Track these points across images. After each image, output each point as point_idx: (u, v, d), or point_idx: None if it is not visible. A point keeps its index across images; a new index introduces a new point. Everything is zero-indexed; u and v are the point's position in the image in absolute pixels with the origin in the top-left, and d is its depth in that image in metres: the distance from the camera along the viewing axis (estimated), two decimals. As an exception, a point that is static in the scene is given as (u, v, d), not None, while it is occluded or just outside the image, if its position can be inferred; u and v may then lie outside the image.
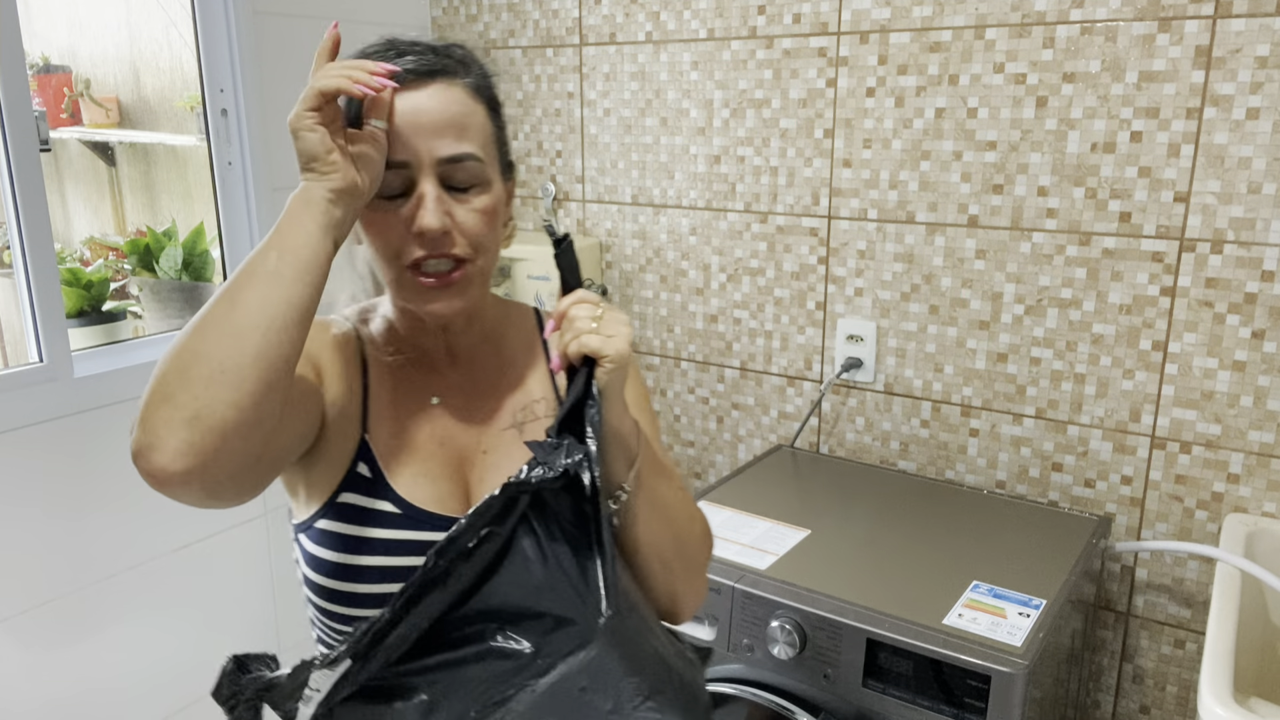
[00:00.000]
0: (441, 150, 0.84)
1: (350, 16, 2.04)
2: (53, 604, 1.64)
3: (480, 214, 0.86)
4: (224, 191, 1.89)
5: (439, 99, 0.85)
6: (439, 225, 0.83)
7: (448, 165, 0.84)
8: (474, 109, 0.88)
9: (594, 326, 0.80)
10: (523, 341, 1.01)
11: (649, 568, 0.90)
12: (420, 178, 0.84)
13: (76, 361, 1.65)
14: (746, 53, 1.81)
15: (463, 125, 0.86)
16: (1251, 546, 1.41)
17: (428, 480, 0.91)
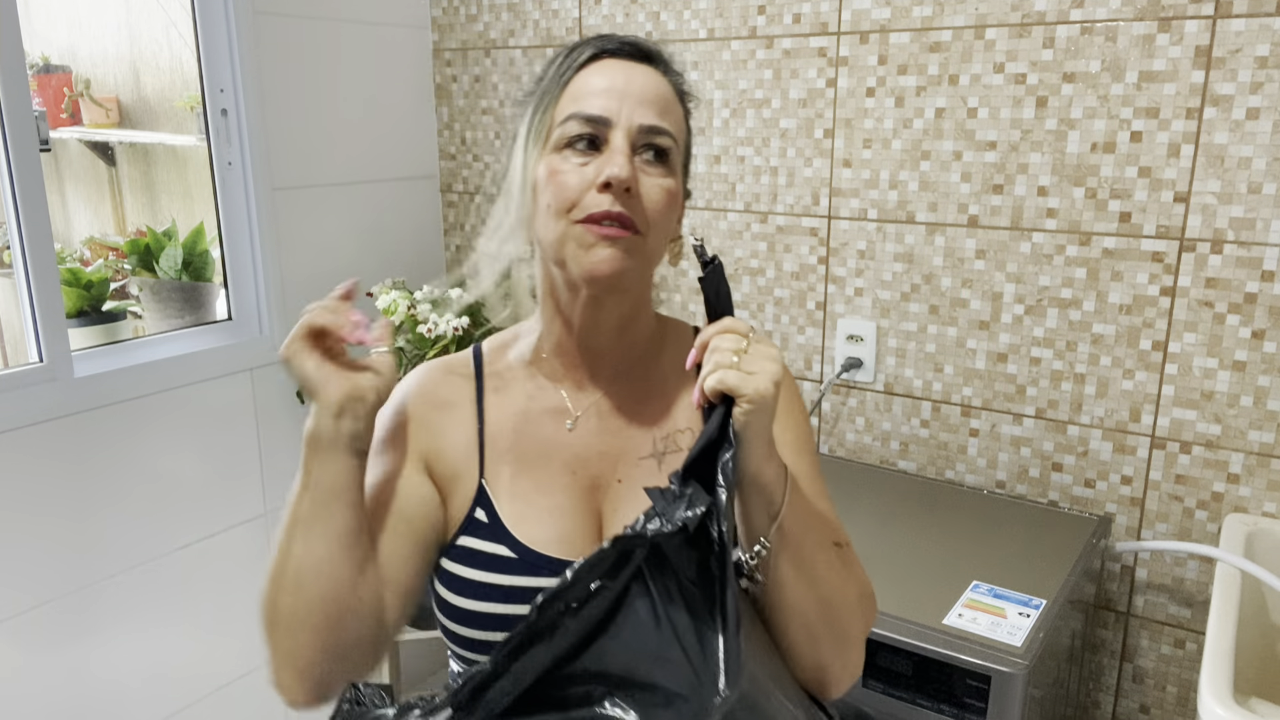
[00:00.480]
0: (643, 118, 0.82)
1: (350, 16, 2.04)
2: (53, 604, 1.64)
3: (664, 191, 0.83)
4: (224, 191, 1.89)
5: (651, 78, 0.84)
6: (628, 175, 0.79)
7: (645, 134, 0.82)
8: (677, 105, 0.87)
9: (735, 361, 0.73)
10: (676, 363, 0.94)
11: (792, 635, 0.81)
12: (614, 135, 0.81)
13: (76, 361, 1.65)
14: (746, 53, 1.81)
15: (666, 107, 0.84)
16: (1251, 546, 1.41)
17: (553, 518, 0.86)
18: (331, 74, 2.02)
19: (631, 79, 0.83)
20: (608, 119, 0.81)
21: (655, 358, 0.94)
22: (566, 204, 0.81)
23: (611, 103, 0.81)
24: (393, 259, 2.22)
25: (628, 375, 0.92)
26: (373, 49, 2.10)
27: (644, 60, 0.85)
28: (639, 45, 0.85)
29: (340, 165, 2.07)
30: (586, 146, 0.81)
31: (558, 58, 0.86)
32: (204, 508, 1.87)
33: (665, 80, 0.86)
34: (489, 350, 0.95)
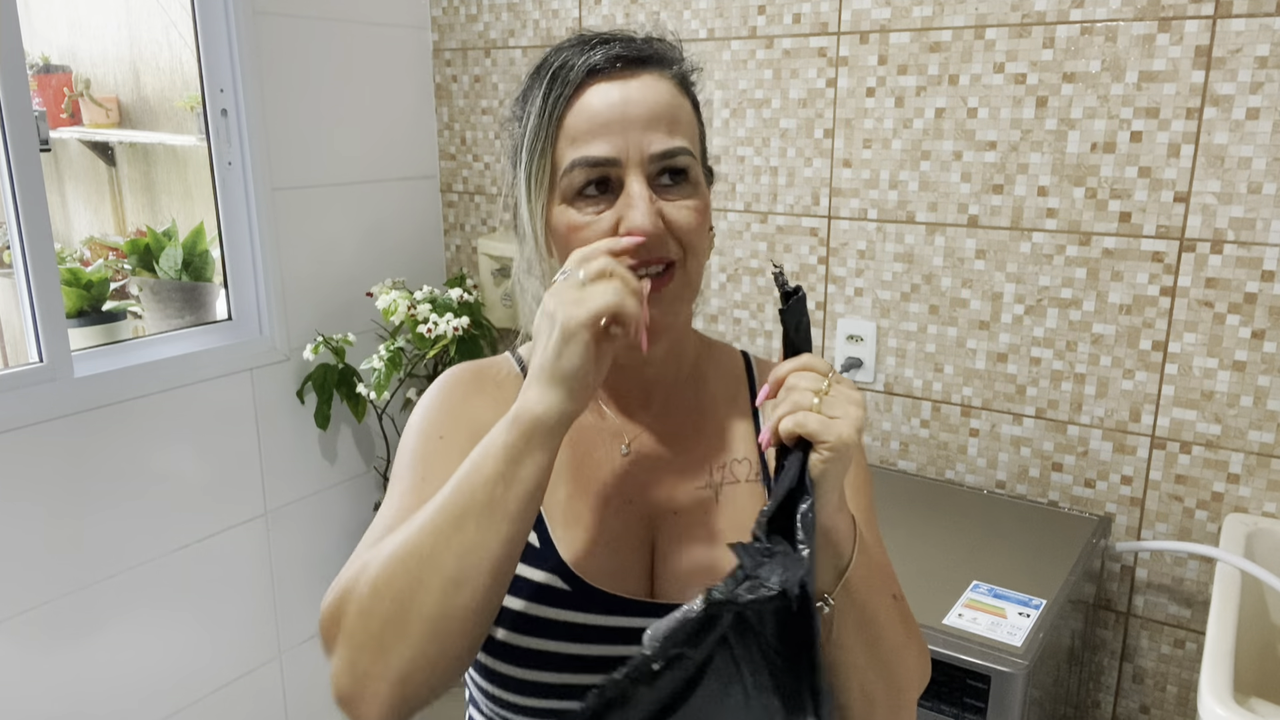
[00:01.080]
0: (653, 145, 0.74)
1: (350, 16, 2.04)
2: (53, 604, 1.64)
3: (693, 212, 0.76)
4: (224, 191, 1.89)
5: (650, 90, 0.76)
6: (652, 227, 0.72)
7: (659, 161, 0.75)
8: (683, 103, 0.80)
9: (815, 403, 0.66)
10: (726, 388, 0.89)
11: (846, 696, 0.75)
12: (628, 176, 0.74)
13: (76, 361, 1.65)
14: (746, 53, 1.81)
15: (674, 119, 0.77)
16: (1251, 546, 1.41)
17: (608, 549, 0.79)
18: (331, 74, 2.02)
19: (629, 100, 0.75)
20: (615, 159, 0.74)
21: (703, 381, 0.88)
22: None
23: (615, 139, 0.74)
24: (393, 259, 2.22)
25: (678, 401, 0.86)
26: (373, 49, 2.10)
27: (638, 67, 0.78)
28: (630, 54, 0.77)
29: (340, 165, 2.07)
30: (598, 191, 0.75)
31: (543, 84, 0.77)
32: (204, 508, 1.87)
33: (666, 81, 0.78)
34: (528, 356, 0.87)
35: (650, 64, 0.79)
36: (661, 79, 0.78)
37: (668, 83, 0.79)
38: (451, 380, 0.85)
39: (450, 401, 0.83)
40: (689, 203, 0.76)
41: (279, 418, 2.00)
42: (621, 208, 0.74)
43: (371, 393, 1.96)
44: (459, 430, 0.80)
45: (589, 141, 0.74)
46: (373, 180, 2.15)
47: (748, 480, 0.84)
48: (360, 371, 2.02)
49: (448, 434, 0.80)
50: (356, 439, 2.18)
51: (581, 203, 0.75)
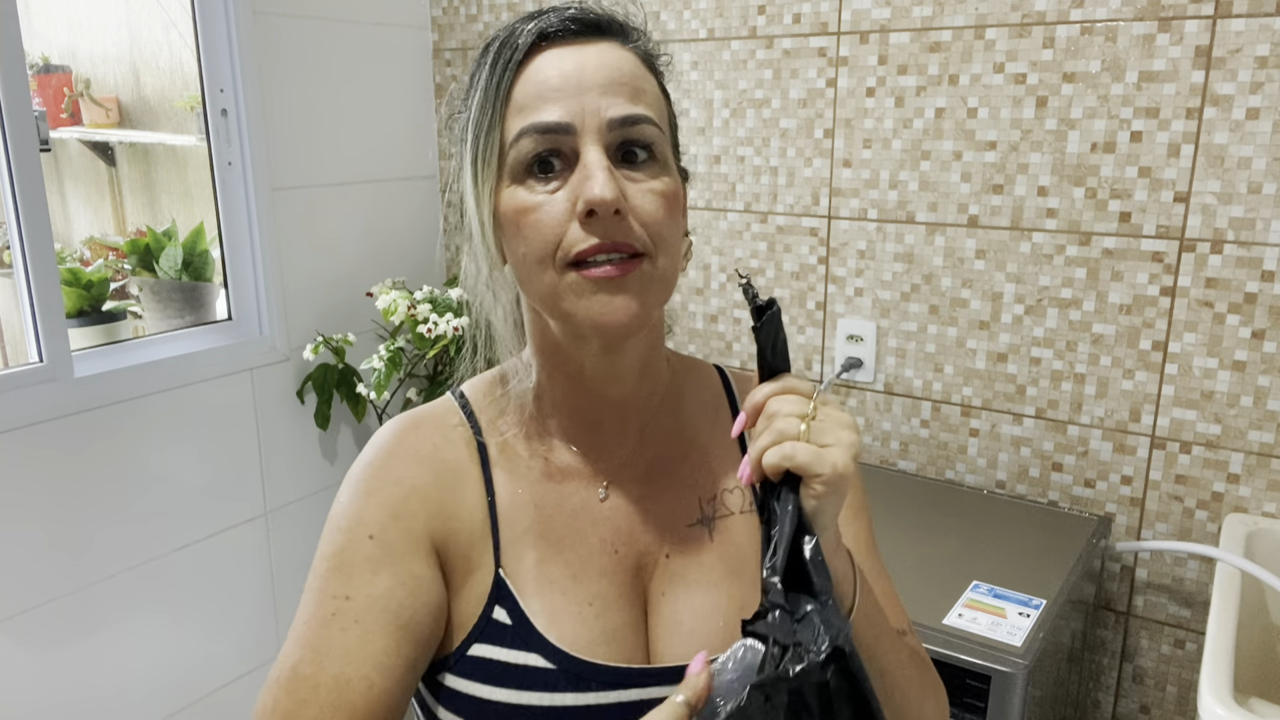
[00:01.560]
0: (612, 109, 0.64)
1: (350, 16, 2.04)
2: (53, 604, 1.64)
3: (660, 196, 0.65)
4: (224, 191, 1.89)
5: (608, 55, 0.66)
6: (612, 196, 0.62)
7: (620, 129, 0.65)
8: (648, 77, 0.69)
9: (802, 429, 0.59)
10: (705, 409, 0.79)
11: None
12: (583, 145, 0.64)
13: (76, 361, 1.65)
14: (746, 53, 1.81)
15: (637, 86, 0.66)
16: (1251, 546, 1.41)
17: (594, 613, 0.69)
18: (331, 74, 2.02)
19: (585, 63, 0.65)
20: (568, 124, 0.64)
21: (680, 403, 0.78)
22: (548, 249, 0.65)
23: (569, 102, 0.64)
24: (393, 259, 2.22)
25: (655, 427, 0.76)
26: (373, 49, 2.10)
27: (595, 34, 0.68)
28: (584, 18, 0.68)
29: (340, 165, 2.07)
30: (551, 167, 0.65)
31: (490, 54, 0.68)
32: (204, 508, 1.87)
33: (627, 51, 0.68)
34: (476, 398, 0.76)
35: (609, 32, 0.69)
36: (622, 48, 0.68)
37: (629, 54, 0.69)
38: (386, 447, 0.72)
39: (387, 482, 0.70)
40: (655, 184, 0.66)
41: (279, 418, 2.00)
42: (576, 183, 0.64)
43: (371, 393, 1.96)
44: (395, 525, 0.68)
45: (538, 107, 0.64)
46: (373, 180, 2.15)
47: (742, 511, 0.76)
48: (360, 371, 2.02)
49: (380, 533, 0.68)
50: (356, 439, 2.18)
51: (532, 181, 0.65)
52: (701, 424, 0.78)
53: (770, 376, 0.63)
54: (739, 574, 0.73)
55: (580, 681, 0.66)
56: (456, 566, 0.70)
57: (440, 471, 0.71)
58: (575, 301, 0.65)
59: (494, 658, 0.67)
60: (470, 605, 0.69)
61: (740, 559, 0.74)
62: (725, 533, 0.74)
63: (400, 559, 0.67)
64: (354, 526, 0.68)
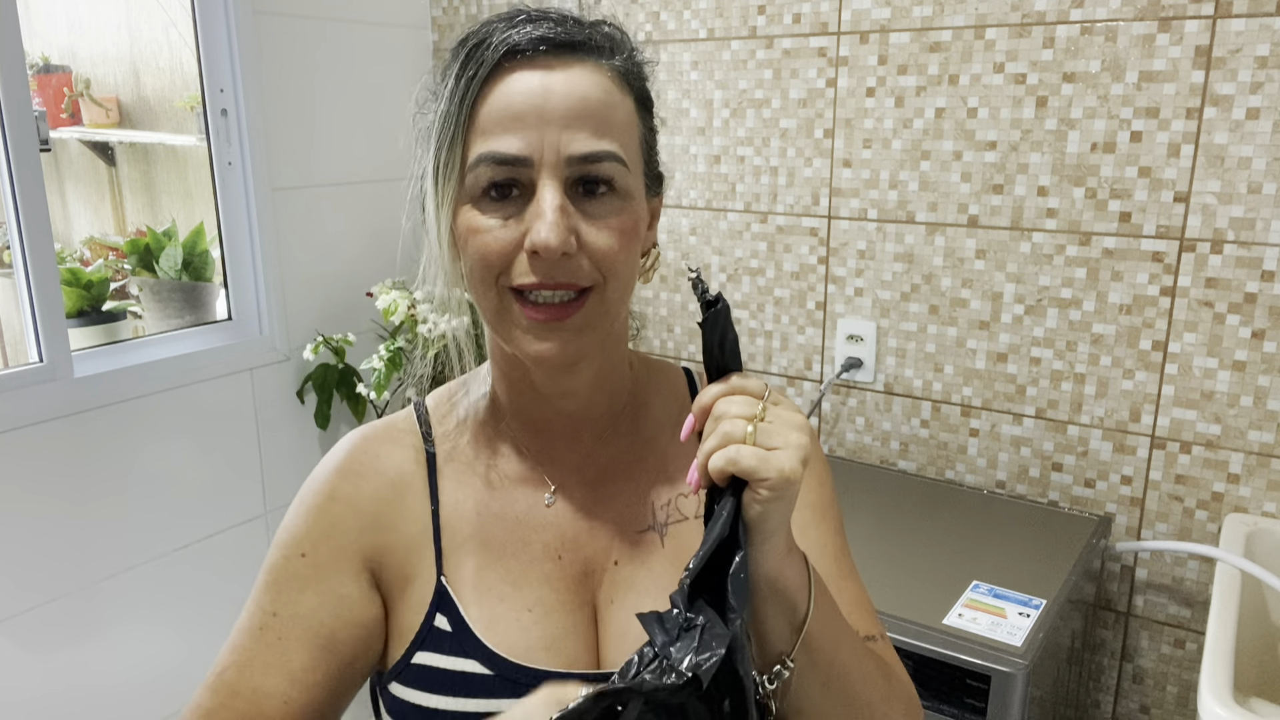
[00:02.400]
0: (572, 146, 0.64)
1: (350, 16, 2.04)
2: (53, 604, 1.64)
3: (615, 233, 0.65)
4: (224, 191, 1.89)
5: (577, 83, 0.65)
6: (558, 244, 0.62)
7: (579, 165, 0.64)
8: (620, 100, 0.67)
9: (749, 431, 0.57)
10: (668, 413, 0.78)
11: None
12: (540, 180, 0.64)
13: (76, 361, 1.65)
14: (746, 53, 1.81)
15: (603, 117, 0.65)
16: (1251, 546, 1.41)
17: (535, 618, 0.69)
18: (331, 74, 2.02)
19: (551, 91, 0.64)
20: (526, 158, 0.63)
21: (643, 407, 0.78)
22: (491, 273, 0.65)
23: (529, 134, 0.63)
24: (393, 259, 2.22)
25: (613, 433, 0.76)
26: (373, 49, 2.10)
27: (567, 53, 0.66)
28: (554, 36, 0.65)
29: (340, 165, 2.07)
30: (508, 194, 0.65)
31: (459, 57, 0.66)
32: (204, 508, 1.87)
33: (600, 74, 0.66)
34: (435, 408, 0.78)
35: (583, 51, 0.66)
36: (595, 71, 0.66)
37: (602, 76, 0.66)
38: (332, 466, 0.74)
39: (324, 500, 0.72)
40: (612, 220, 0.65)
41: (279, 418, 2.00)
42: (530, 218, 0.64)
43: (371, 393, 1.96)
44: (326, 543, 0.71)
45: (498, 135, 0.64)
46: (373, 180, 2.15)
47: (696, 516, 0.74)
48: (360, 371, 2.02)
49: (311, 550, 0.71)
50: (356, 439, 2.18)
51: (487, 205, 0.65)
52: (663, 428, 0.78)
53: (720, 376, 0.61)
54: None
55: (518, 688, 0.66)
56: (395, 578, 0.72)
57: (381, 485, 0.73)
58: (512, 331, 0.67)
59: (436, 665, 0.69)
60: (413, 613, 0.71)
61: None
62: (678, 538, 0.73)
63: (328, 578, 0.70)
64: (289, 543, 0.72)
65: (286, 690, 0.68)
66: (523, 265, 0.64)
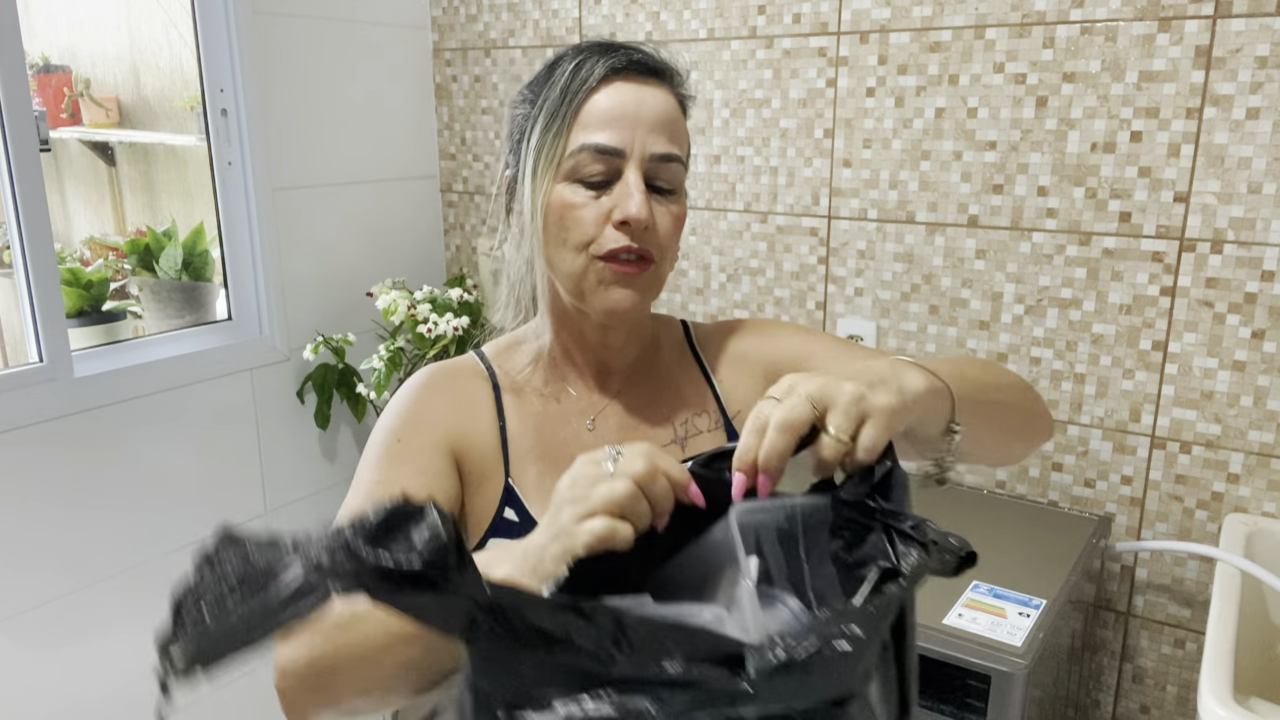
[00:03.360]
0: (655, 146, 0.83)
1: (350, 16, 2.04)
2: (53, 604, 1.64)
3: (674, 219, 0.85)
4: (224, 191, 1.89)
5: (660, 98, 0.84)
6: (646, 216, 0.81)
7: (657, 162, 0.83)
8: (682, 120, 0.88)
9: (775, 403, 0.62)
10: (674, 353, 0.98)
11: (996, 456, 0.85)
12: (628, 168, 0.82)
13: (76, 361, 1.65)
14: (746, 53, 1.81)
15: (674, 129, 0.85)
16: (1251, 546, 1.41)
17: None
18: (331, 74, 2.02)
19: (643, 102, 0.83)
20: (621, 150, 0.82)
21: (658, 351, 0.97)
22: (584, 240, 0.82)
23: (624, 133, 0.82)
24: (393, 259, 2.22)
25: (637, 373, 0.94)
26: (373, 49, 2.10)
27: (652, 76, 0.85)
28: (648, 62, 0.85)
29: (340, 165, 2.07)
30: (600, 178, 0.82)
31: (566, 72, 0.84)
32: (204, 508, 1.87)
33: (672, 95, 0.86)
34: (493, 354, 0.95)
35: (662, 76, 0.86)
36: (669, 93, 0.86)
37: (673, 98, 0.86)
38: (416, 383, 0.90)
39: (412, 404, 0.88)
40: (674, 209, 0.85)
41: (279, 418, 2.00)
42: (619, 195, 0.82)
43: (371, 393, 1.96)
44: (418, 433, 0.85)
45: (601, 130, 0.81)
46: (373, 180, 2.15)
47: (709, 431, 0.93)
48: (360, 371, 2.02)
49: (406, 437, 0.86)
50: (356, 439, 2.18)
51: (581, 185, 0.82)
52: (673, 364, 0.97)
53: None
54: None
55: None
56: (472, 472, 0.86)
57: (458, 401, 0.89)
58: (595, 287, 0.84)
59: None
60: (485, 506, 0.86)
61: None
62: (696, 446, 0.91)
63: (422, 454, 0.84)
64: (385, 436, 0.85)
65: None
66: (611, 234, 0.82)
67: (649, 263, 0.84)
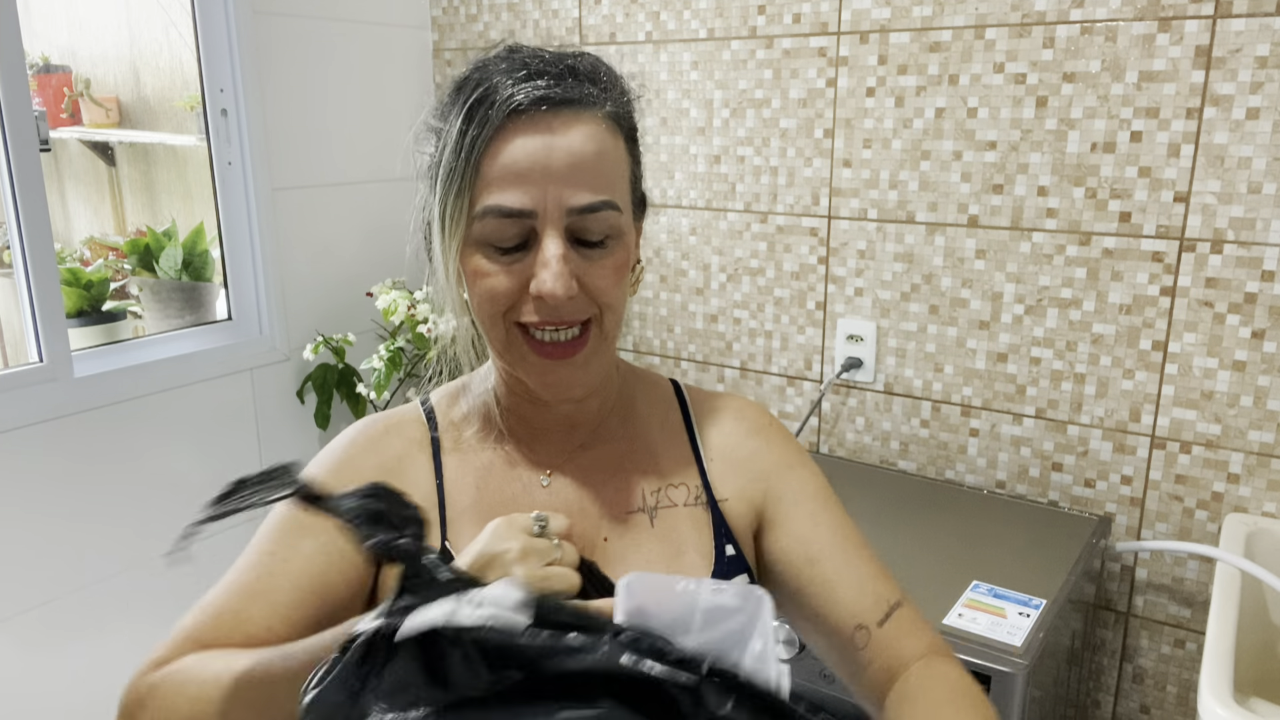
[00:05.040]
0: (574, 199, 0.70)
1: (350, 16, 2.04)
2: (53, 604, 1.64)
3: (612, 270, 0.73)
4: (224, 191, 1.89)
5: (575, 138, 0.70)
6: (564, 292, 0.69)
7: (579, 216, 0.70)
8: (613, 145, 0.73)
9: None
10: (657, 414, 0.86)
11: None
12: (544, 231, 0.70)
13: (76, 361, 1.65)
14: (746, 53, 1.81)
15: (598, 169, 0.71)
16: (1251, 546, 1.41)
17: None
18: (331, 74, 2.02)
19: (553, 148, 0.69)
20: (531, 211, 0.69)
21: (631, 408, 0.85)
22: (498, 311, 0.72)
23: (532, 190, 0.69)
24: (393, 259, 2.22)
25: (604, 429, 0.83)
26: (373, 49, 2.10)
27: (564, 107, 0.71)
28: (554, 95, 0.70)
29: (340, 165, 2.07)
30: (513, 243, 0.71)
31: (461, 114, 0.71)
32: (204, 508, 1.87)
33: (594, 123, 0.72)
34: (439, 402, 0.85)
35: (579, 105, 0.72)
36: (590, 121, 0.72)
37: (598, 127, 0.72)
38: (346, 439, 0.82)
39: (337, 464, 0.79)
40: (608, 261, 0.72)
41: (279, 418, 2.00)
42: (536, 266, 0.70)
43: (371, 393, 1.96)
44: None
45: (505, 190, 0.69)
46: (373, 180, 2.15)
47: (686, 505, 0.81)
48: (360, 371, 2.02)
49: None
50: (356, 439, 2.18)
51: (493, 251, 0.71)
52: (651, 424, 0.85)
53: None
54: (679, 558, 0.79)
55: None
56: None
57: (389, 455, 0.80)
58: (522, 364, 0.74)
59: None
60: None
61: (680, 545, 0.80)
62: (668, 522, 0.80)
63: (329, 529, 0.73)
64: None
65: (270, 621, 0.71)
66: (528, 305, 0.71)
67: (586, 331, 0.73)
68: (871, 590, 0.78)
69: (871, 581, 0.78)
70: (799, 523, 0.81)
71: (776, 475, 0.84)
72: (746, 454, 0.84)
